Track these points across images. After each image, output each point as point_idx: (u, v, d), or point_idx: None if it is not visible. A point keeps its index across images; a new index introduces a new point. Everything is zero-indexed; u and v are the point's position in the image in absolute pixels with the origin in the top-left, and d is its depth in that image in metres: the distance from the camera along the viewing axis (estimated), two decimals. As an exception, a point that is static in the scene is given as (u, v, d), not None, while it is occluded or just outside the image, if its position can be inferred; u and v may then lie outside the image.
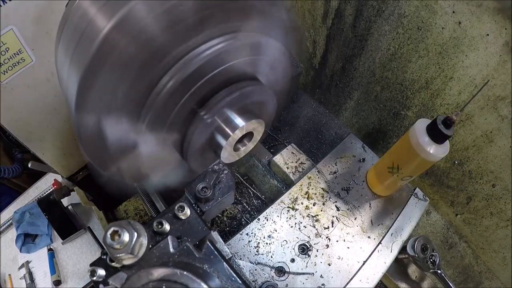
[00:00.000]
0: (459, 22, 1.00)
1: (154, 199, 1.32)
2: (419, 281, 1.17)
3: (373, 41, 1.31)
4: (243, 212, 1.34)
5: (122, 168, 0.79)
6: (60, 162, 1.11)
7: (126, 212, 1.54)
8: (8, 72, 0.80)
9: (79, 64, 0.60)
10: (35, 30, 0.80)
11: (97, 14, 0.59)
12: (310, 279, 0.94)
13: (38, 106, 0.92)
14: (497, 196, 1.21)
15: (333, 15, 1.42)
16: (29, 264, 1.77)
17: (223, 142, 0.78)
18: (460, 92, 1.12)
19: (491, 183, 1.20)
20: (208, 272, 0.62)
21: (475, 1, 0.94)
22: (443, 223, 1.45)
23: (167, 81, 0.66)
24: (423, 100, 1.26)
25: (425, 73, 1.19)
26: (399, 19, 1.16)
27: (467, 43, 1.02)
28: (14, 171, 2.24)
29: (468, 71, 1.06)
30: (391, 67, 1.30)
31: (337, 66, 1.56)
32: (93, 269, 0.63)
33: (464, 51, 1.04)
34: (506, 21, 0.90)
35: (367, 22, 1.28)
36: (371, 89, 1.45)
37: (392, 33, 1.21)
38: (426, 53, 1.15)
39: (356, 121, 1.65)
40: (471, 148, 1.19)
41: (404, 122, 1.39)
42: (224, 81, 0.75)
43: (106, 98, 0.64)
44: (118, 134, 0.69)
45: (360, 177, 1.13)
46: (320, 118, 1.63)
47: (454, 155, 1.26)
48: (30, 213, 1.82)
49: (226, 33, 0.69)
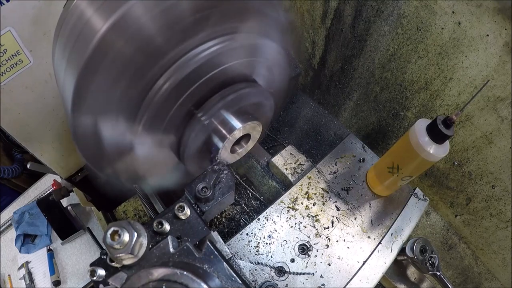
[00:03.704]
0: (459, 22, 1.00)
1: (152, 200, 1.32)
2: (418, 282, 1.16)
3: (372, 41, 1.31)
4: (242, 213, 1.34)
5: (119, 169, 0.79)
6: (58, 163, 1.10)
7: (125, 213, 1.54)
8: (6, 74, 0.80)
9: (75, 65, 0.60)
10: (33, 31, 0.79)
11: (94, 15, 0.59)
12: (310, 279, 0.93)
13: (37, 107, 0.92)
14: (497, 197, 1.21)
15: (332, 15, 1.42)
16: (28, 264, 1.77)
17: (220, 144, 0.78)
18: (460, 93, 1.12)
19: (490, 184, 1.20)
20: (208, 272, 0.62)
21: (475, 1, 0.94)
22: (443, 224, 1.45)
23: (164, 82, 0.66)
24: (422, 101, 1.26)
25: (425, 73, 1.19)
26: (399, 19, 1.16)
27: (467, 43, 1.02)
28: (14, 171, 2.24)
29: (468, 71, 1.06)
30: (391, 68, 1.30)
31: (336, 67, 1.56)
32: (93, 269, 0.63)
33: (463, 52, 1.04)
34: (506, 22, 0.90)
35: (366, 23, 1.28)
36: (370, 89, 1.45)
37: (391, 34, 1.21)
38: (426, 53, 1.15)
39: (356, 122, 1.65)
40: (471, 149, 1.19)
41: (403, 123, 1.39)
42: (221, 82, 0.75)
43: (102, 99, 0.64)
44: (115, 136, 0.69)
45: (360, 177, 1.13)
46: (319, 119, 1.63)
47: (454, 156, 1.26)
48: (30, 213, 1.82)
49: (223, 34, 0.69)
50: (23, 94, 0.87)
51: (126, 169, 0.79)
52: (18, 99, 0.87)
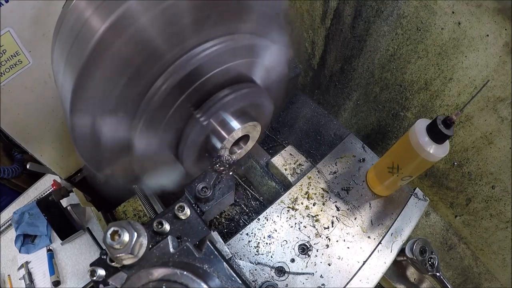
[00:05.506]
0: (459, 22, 1.00)
1: (152, 200, 1.32)
2: (418, 283, 1.16)
3: (372, 41, 1.31)
4: (241, 213, 1.34)
5: (117, 170, 0.79)
6: (58, 164, 1.10)
7: (125, 213, 1.54)
8: (6, 74, 0.80)
9: (74, 66, 0.60)
10: (32, 32, 0.79)
11: (93, 15, 0.59)
12: (310, 279, 0.93)
13: (36, 107, 0.92)
14: (497, 198, 1.21)
15: (332, 15, 1.42)
16: (28, 264, 1.77)
17: (219, 145, 0.78)
18: (460, 93, 1.12)
19: (490, 184, 1.20)
20: (208, 272, 0.62)
21: (474, 2, 0.94)
22: (443, 225, 1.45)
23: (163, 83, 0.65)
24: (422, 101, 1.26)
25: (425, 74, 1.19)
26: (398, 19, 1.16)
27: (467, 43, 1.02)
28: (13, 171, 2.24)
29: (468, 72, 1.06)
30: (390, 68, 1.30)
31: (336, 67, 1.56)
32: (93, 269, 0.63)
33: (463, 52, 1.04)
34: (506, 22, 0.90)
35: (366, 23, 1.28)
36: (370, 90, 1.45)
37: (391, 34, 1.21)
38: (426, 54, 1.15)
39: (355, 122, 1.65)
40: (471, 149, 1.19)
41: (403, 123, 1.39)
42: (220, 83, 0.74)
43: (100, 100, 0.64)
44: (113, 136, 0.69)
45: (360, 177, 1.13)
46: (319, 119, 1.62)
47: (454, 157, 1.26)
48: (30, 213, 1.82)
49: (222, 34, 0.69)
50: (23, 94, 0.87)
51: (124, 170, 0.79)
52: (17, 99, 0.86)
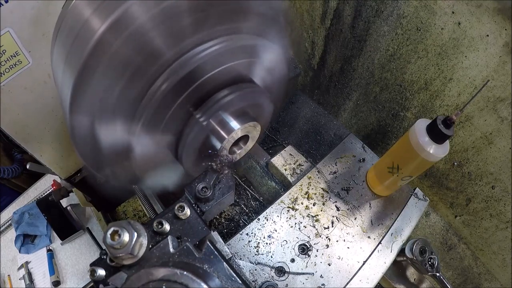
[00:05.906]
0: (459, 22, 1.00)
1: (152, 200, 1.32)
2: (418, 283, 1.16)
3: (372, 41, 1.31)
4: (241, 214, 1.34)
5: (116, 170, 0.79)
6: (58, 164, 1.10)
7: (124, 213, 1.54)
8: (5, 74, 0.80)
9: (73, 66, 0.60)
10: (31, 32, 0.79)
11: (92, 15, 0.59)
12: (310, 279, 0.93)
13: (36, 108, 0.92)
14: (497, 198, 1.21)
15: (331, 15, 1.42)
16: (28, 264, 1.76)
17: (218, 145, 0.78)
18: (460, 94, 1.12)
19: (490, 184, 1.20)
20: (208, 272, 0.62)
21: (475, 2, 0.94)
22: (443, 225, 1.45)
23: (162, 83, 0.65)
24: (422, 101, 1.26)
25: (424, 74, 1.19)
26: (398, 19, 1.16)
27: (467, 43, 1.02)
28: (13, 171, 2.24)
29: (468, 72, 1.06)
30: (390, 68, 1.30)
31: (336, 67, 1.56)
32: (93, 269, 0.63)
33: (463, 52, 1.04)
34: (506, 22, 0.90)
35: (366, 23, 1.28)
36: (370, 90, 1.45)
37: (391, 34, 1.21)
38: (425, 54, 1.15)
39: (355, 122, 1.65)
40: (471, 149, 1.19)
41: (403, 124, 1.39)
42: (220, 83, 0.74)
43: (100, 100, 0.64)
44: (112, 136, 0.69)
45: (360, 177, 1.13)
46: (319, 119, 1.63)
47: (454, 157, 1.26)
48: (30, 213, 1.82)
49: (222, 35, 0.69)
50: (22, 94, 0.87)
51: (123, 170, 0.79)
52: (17, 99, 0.86)
